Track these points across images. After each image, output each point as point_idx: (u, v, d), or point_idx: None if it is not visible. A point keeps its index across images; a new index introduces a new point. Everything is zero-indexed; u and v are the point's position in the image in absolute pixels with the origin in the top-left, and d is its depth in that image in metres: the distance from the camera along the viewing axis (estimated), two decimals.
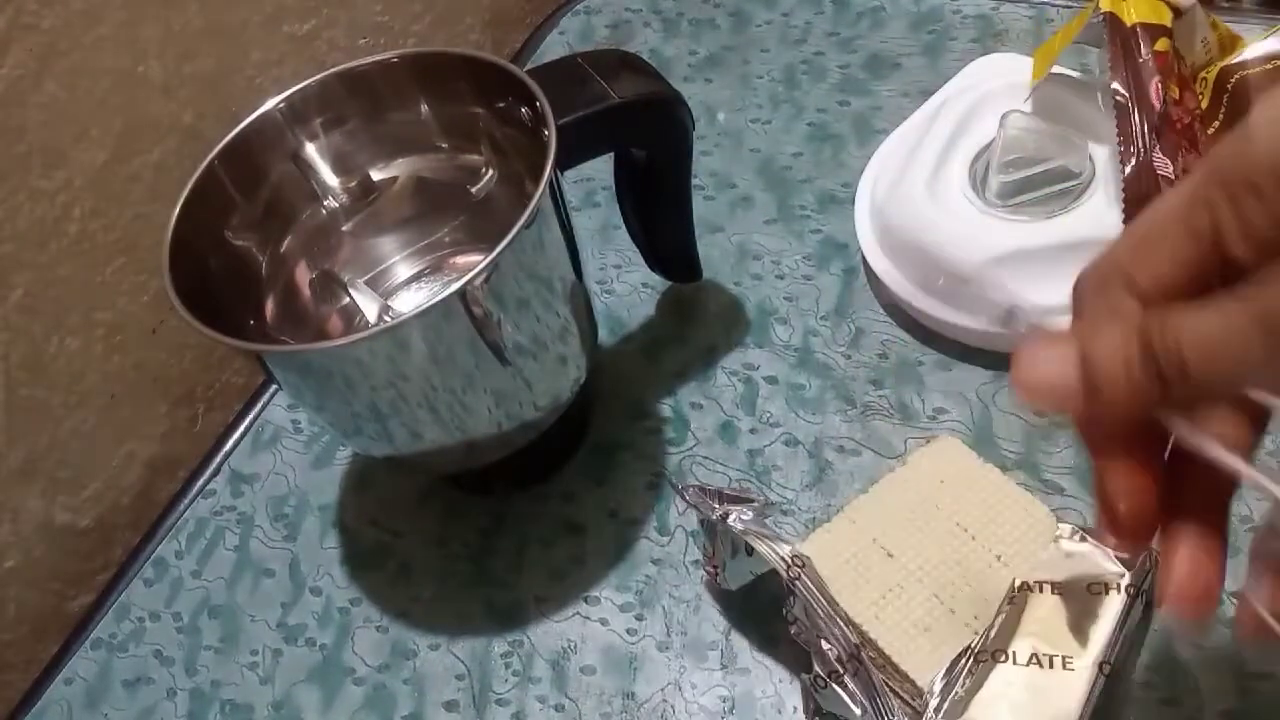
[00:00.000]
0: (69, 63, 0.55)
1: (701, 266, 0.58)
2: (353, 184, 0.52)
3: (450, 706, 0.50)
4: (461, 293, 0.40)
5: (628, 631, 0.50)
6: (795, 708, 0.45)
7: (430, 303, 0.40)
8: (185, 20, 0.60)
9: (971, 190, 0.54)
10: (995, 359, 0.53)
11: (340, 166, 0.52)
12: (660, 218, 0.55)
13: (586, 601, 0.51)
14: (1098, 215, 0.51)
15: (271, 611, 0.55)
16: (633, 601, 0.50)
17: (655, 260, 0.58)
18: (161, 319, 0.62)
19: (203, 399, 0.66)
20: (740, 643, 0.48)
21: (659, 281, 0.61)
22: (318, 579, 0.55)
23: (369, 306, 0.52)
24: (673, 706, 0.47)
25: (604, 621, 0.50)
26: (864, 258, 0.57)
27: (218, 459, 0.62)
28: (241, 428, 0.63)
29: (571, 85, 0.46)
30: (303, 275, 0.52)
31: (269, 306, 0.50)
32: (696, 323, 0.60)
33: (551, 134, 0.43)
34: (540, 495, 0.55)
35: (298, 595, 0.55)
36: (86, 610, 0.59)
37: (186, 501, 0.60)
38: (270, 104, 0.49)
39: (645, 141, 0.51)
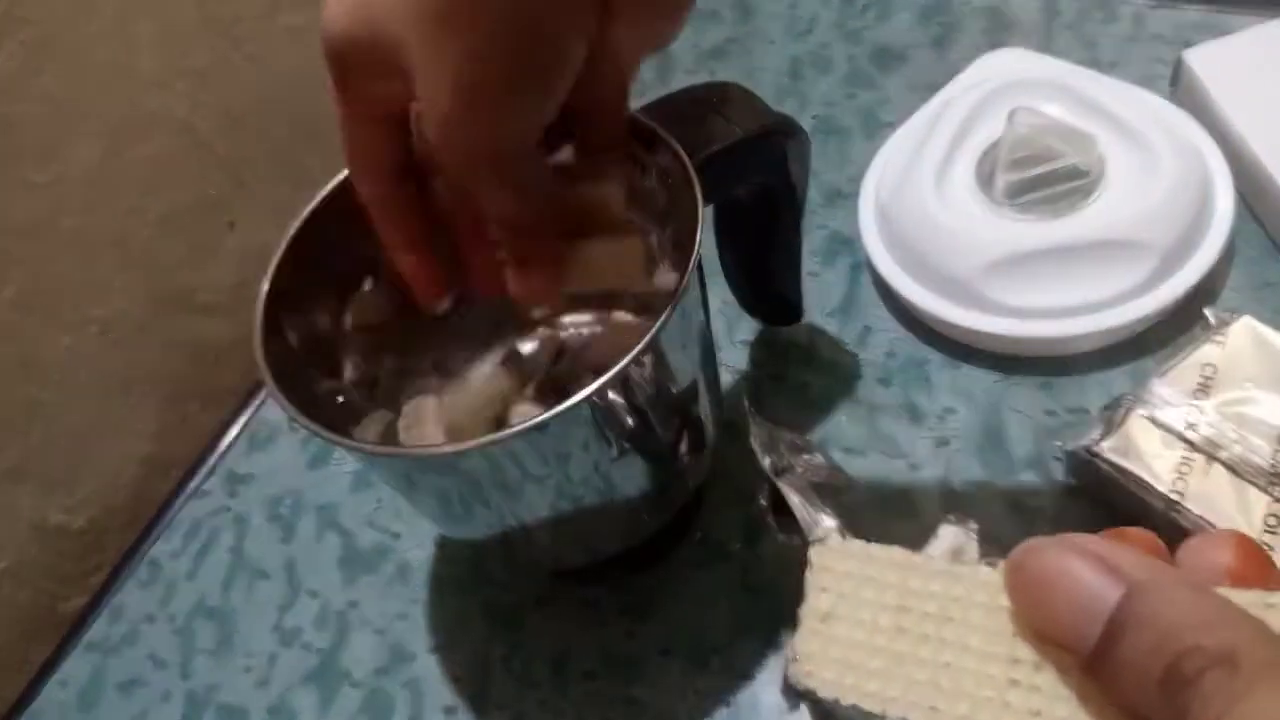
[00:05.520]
0: (62, 56, 0.54)
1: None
2: None
3: (449, 711, 0.49)
4: (622, 376, 0.36)
5: (628, 635, 0.49)
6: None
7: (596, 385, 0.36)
8: (179, 13, 0.60)
9: (978, 188, 0.53)
10: (1003, 359, 0.52)
11: None
12: (772, 258, 0.51)
13: (587, 604, 0.50)
14: (1107, 214, 0.50)
15: (267, 614, 0.54)
16: (634, 604, 0.50)
17: (756, 305, 0.54)
18: (155, 315, 0.62)
19: (197, 397, 0.65)
20: (744, 647, 0.47)
21: None
22: (314, 581, 0.55)
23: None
24: (676, 712, 0.46)
25: (604, 624, 0.49)
26: (868, 256, 0.56)
27: (213, 458, 0.61)
28: (237, 427, 0.62)
29: (684, 124, 0.43)
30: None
31: (347, 368, 0.47)
32: None
33: (693, 174, 0.40)
34: None
35: (294, 597, 0.54)
36: (80, 612, 0.58)
37: (181, 501, 0.60)
38: None
39: (769, 175, 0.47)
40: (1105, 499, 0.45)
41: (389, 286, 0.47)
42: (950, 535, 0.36)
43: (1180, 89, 0.57)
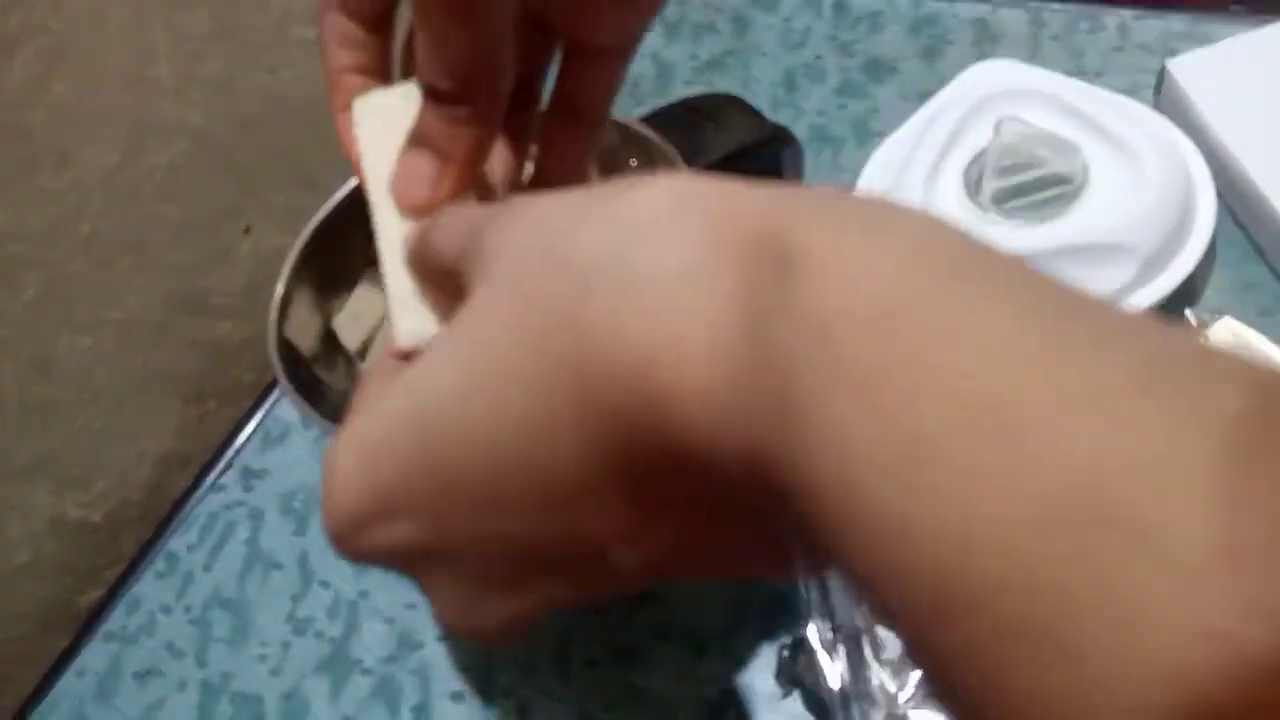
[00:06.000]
0: (77, 64, 0.55)
1: None
2: None
3: (457, 697, 0.50)
4: None
5: (628, 623, 0.50)
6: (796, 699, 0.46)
7: None
8: (193, 23, 0.61)
9: (966, 195, 0.55)
10: None
11: None
12: None
13: None
14: (1091, 219, 0.52)
15: (281, 604, 0.56)
16: (633, 593, 0.51)
17: None
18: (172, 317, 0.63)
19: (213, 396, 0.67)
20: (743, 635, 0.49)
21: None
22: (327, 572, 0.56)
23: None
24: (675, 698, 0.48)
25: (605, 613, 0.51)
26: None
27: (228, 455, 0.62)
28: (252, 424, 0.63)
29: (682, 133, 0.44)
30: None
31: (357, 366, 0.48)
32: None
33: None
34: None
35: (307, 588, 0.56)
36: (98, 604, 0.60)
37: (198, 496, 0.61)
38: None
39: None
40: None
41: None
42: None
43: (1164, 97, 0.59)
